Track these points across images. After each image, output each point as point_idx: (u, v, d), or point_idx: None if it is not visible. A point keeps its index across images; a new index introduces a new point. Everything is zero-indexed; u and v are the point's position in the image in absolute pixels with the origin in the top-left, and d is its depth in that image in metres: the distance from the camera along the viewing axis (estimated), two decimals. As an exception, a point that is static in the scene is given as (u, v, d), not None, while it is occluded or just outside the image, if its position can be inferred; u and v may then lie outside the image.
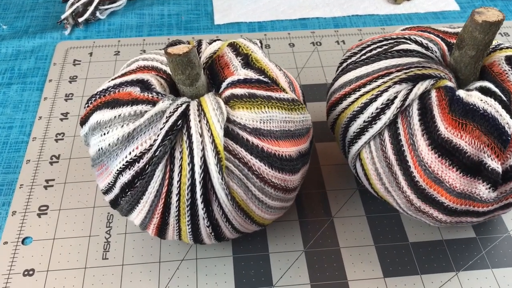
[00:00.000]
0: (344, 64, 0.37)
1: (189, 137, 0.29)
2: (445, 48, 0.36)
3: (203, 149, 0.29)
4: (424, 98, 0.32)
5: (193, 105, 0.30)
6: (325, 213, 0.39)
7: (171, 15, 0.57)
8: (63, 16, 0.54)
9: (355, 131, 0.34)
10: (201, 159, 0.29)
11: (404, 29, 0.38)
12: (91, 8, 0.54)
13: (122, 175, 0.30)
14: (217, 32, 0.55)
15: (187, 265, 0.35)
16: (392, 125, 0.32)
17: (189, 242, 0.33)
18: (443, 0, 0.59)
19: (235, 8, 0.58)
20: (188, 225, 0.31)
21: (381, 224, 0.38)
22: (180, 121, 0.29)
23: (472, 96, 0.31)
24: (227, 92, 0.31)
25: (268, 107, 0.31)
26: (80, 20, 0.54)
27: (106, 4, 0.56)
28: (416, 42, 0.35)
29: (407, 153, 0.32)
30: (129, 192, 0.30)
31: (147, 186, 0.30)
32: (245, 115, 0.30)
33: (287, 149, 0.31)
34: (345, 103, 0.35)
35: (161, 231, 0.32)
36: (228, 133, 0.30)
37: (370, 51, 0.36)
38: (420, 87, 0.32)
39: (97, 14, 0.55)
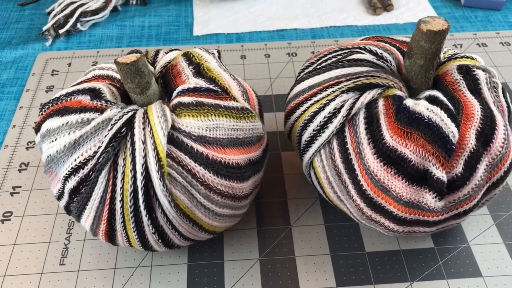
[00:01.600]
0: (302, 74, 0.37)
1: (132, 144, 0.30)
2: (401, 57, 0.36)
3: (145, 156, 0.29)
4: (371, 107, 0.32)
5: (140, 113, 0.31)
6: (284, 222, 0.39)
7: (152, 27, 0.58)
8: (44, 28, 0.55)
9: (306, 139, 0.34)
10: (142, 166, 0.29)
11: (363, 39, 0.38)
12: (72, 20, 0.55)
13: (68, 181, 0.30)
14: (195, 43, 0.56)
15: (142, 272, 0.36)
16: (340, 134, 0.32)
17: (140, 249, 0.34)
18: (422, 10, 0.59)
19: (215, 19, 0.58)
20: (134, 231, 0.31)
21: (339, 233, 0.38)
22: (124, 128, 0.30)
23: (419, 105, 0.31)
24: (175, 101, 0.32)
25: (215, 115, 0.31)
26: (61, 31, 0.55)
27: (88, 16, 0.57)
28: (370, 51, 0.36)
29: (354, 162, 0.32)
30: (75, 198, 0.31)
31: (92, 192, 0.30)
32: (190, 123, 0.31)
33: (235, 156, 0.32)
34: (298, 112, 0.35)
35: (110, 237, 0.32)
36: (172, 141, 0.30)
37: (325, 61, 0.36)
38: (367, 96, 0.32)
39: (78, 25, 0.56)
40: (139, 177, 0.29)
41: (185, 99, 0.31)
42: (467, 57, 0.35)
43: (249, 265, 0.36)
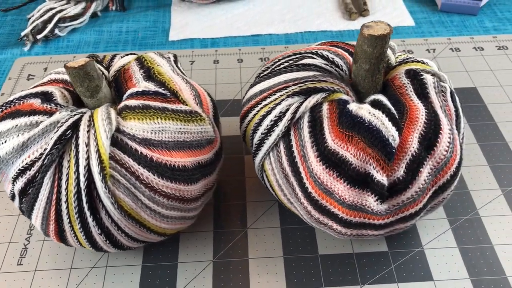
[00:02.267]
0: (256, 79, 0.38)
1: (77, 146, 0.30)
2: (352, 62, 0.36)
3: (88, 158, 0.30)
4: (315, 110, 0.32)
5: (86, 116, 0.31)
6: (241, 225, 0.39)
7: (129, 32, 0.59)
8: (23, 33, 0.56)
9: (256, 143, 0.34)
10: (85, 168, 0.30)
11: (318, 44, 0.39)
12: (50, 26, 0.57)
13: (16, 182, 0.31)
14: (170, 48, 0.57)
15: (96, 273, 0.36)
16: (286, 137, 0.33)
17: (91, 250, 0.34)
18: (398, 16, 0.60)
19: (192, 25, 0.59)
20: (81, 232, 0.32)
21: (294, 236, 0.38)
22: (69, 131, 0.30)
23: (362, 109, 0.31)
24: (122, 104, 0.32)
25: (161, 118, 0.32)
26: (38, 37, 0.56)
27: (67, 21, 0.58)
28: (322, 56, 0.36)
29: (299, 165, 0.32)
30: (23, 199, 0.32)
31: (38, 193, 0.31)
32: (135, 126, 0.31)
33: (181, 159, 0.32)
34: (250, 115, 0.35)
35: (61, 237, 0.33)
36: (116, 143, 0.31)
37: (279, 65, 0.37)
38: (311, 100, 0.32)
39: (56, 31, 0.57)
40: (82, 178, 0.30)
41: (132, 102, 0.32)
42: (418, 62, 0.35)
43: (202, 267, 0.36)
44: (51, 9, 0.58)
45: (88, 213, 0.30)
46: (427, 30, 0.58)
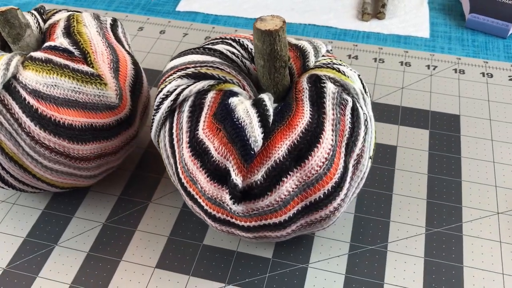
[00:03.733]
0: (177, 54, 0.37)
1: (-26, 85, 0.33)
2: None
3: (-22, 97, 0.32)
4: (199, 96, 0.31)
5: (-6, 59, 0.34)
6: (147, 197, 0.39)
7: (144, -4, 0.61)
8: (49, -19, 0.61)
9: (151, 118, 0.34)
10: (-27, 105, 0.32)
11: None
12: (73, -22, 0.60)
13: None
14: (173, 18, 0.57)
15: (2, 207, 0.39)
16: (171, 118, 0.32)
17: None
18: (415, 25, 0.55)
19: (202, -2, 0.60)
20: (-28, 164, 0.34)
21: (190, 220, 0.38)
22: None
23: (241, 105, 0.30)
24: (28, 54, 0.34)
25: (57, 74, 0.33)
26: (61, -14, 0.60)
27: (93, -23, 0.61)
28: (241, 45, 0.35)
29: (176, 148, 0.32)
30: None
31: None
32: (30, 76, 0.33)
33: (69, 117, 0.33)
34: (159, 89, 0.35)
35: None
36: (8, 88, 0.32)
37: (204, 45, 0.36)
38: (198, 85, 0.31)
39: (78, -16, 0.61)
40: (-31, 114, 0.32)
41: (38, 54, 0.34)
42: (334, 69, 0.33)
43: (91, 226, 0.38)
44: (81, -37, 0.61)
45: (-27, 148, 0.33)
46: (440, 45, 0.53)
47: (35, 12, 0.38)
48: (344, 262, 0.35)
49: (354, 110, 0.31)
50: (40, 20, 0.38)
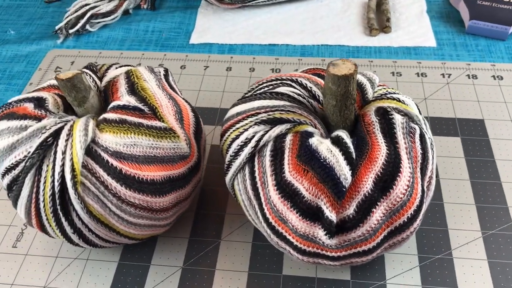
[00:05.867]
0: (238, 100, 0.39)
1: (55, 153, 0.33)
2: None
3: (63, 165, 0.33)
4: (278, 140, 0.33)
5: (68, 125, 0.34)
6: (216, 235, 0.41)
7: (154, 32, 0.62)
8: (57, 27, 0.61)
9: (226, 163, 0.36)
10: (59, 174, 0.33)
11: (303, 71, 0.40)
12: (82, 21, 0.60)
13: (4, 178, 0.35)
14: (189, 51, 0.59)
15: (78, 264, 0.40)
16: (251, 162, 0.34)
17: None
18: (421, 35, 0.58)
19: (213, 29, 0.61)
20: (57, 229, 0.35)
21: (263, 252, 0.40)
22: (51, 138, 0.33)
23: (322, 145, 0.32)
24: (102, 117, 0.35)
25: (135, 133, 0.34)
26: (70, 31, 0.60)
27: (99, 18, 0.62)
28: (301, 84, 0.37)
29: (260, 190, 0.34)
30: (10, 194, 0.35)
31: (20, 191, 0.34)
32: (109, 139, 0.34)
33: (151, 173, 0.34)
34: (226, 135, 0.37)
35: (43, 230, 0.36)
36: (90, 153, 0.33)
37: (260, 89, 0.38)
38: (276, 130, 0.33)
39: (87, 27, 0.61)
40: (56, 183, 0.33)
41: (111, 115, 0.35)
42: (394, 99, 0.35)
43: (171, 272, 0.39)
44: (86, 5, 0.62)
45: (61, 214, 0.34)
46: (448, 52, 0.56)
47: (89, 72, 0.39)
48: (418, 274, 0.38)
49: (422, 136, 0.34)
50: (96, 79, 0.38)
